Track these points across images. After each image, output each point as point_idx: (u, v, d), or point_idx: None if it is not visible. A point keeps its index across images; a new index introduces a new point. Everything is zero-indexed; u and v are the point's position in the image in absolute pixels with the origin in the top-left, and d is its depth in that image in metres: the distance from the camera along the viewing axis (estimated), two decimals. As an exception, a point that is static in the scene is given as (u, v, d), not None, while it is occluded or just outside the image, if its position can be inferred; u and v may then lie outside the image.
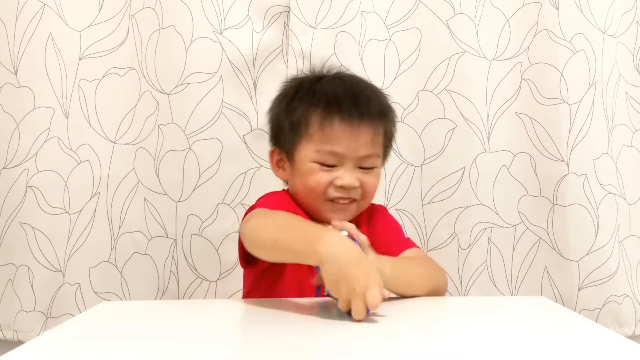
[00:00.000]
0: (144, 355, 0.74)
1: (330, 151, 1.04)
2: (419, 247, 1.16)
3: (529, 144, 1.41)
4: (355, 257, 0.85)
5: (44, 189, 1.41)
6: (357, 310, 0.81)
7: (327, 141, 1.04)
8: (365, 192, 1.07)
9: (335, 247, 0.85)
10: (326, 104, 1.04)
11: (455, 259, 1.41)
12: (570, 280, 1.39)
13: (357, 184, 1.05)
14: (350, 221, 1.01)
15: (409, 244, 1.13)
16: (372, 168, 1.07)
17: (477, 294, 1.41)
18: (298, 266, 0.99)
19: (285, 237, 0.91)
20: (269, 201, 1.07)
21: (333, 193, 1.05)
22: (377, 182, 1.09)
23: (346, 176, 1.04)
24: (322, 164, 1.05)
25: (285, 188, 1.14)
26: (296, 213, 1.05)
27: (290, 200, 1.10)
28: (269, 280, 1.05)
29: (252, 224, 0.98)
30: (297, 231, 0.91)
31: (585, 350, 0.77)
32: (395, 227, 1.18)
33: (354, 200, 1.07)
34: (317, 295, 0.96)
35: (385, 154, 1.13)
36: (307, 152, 1.05)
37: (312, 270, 0.93)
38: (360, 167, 1.06)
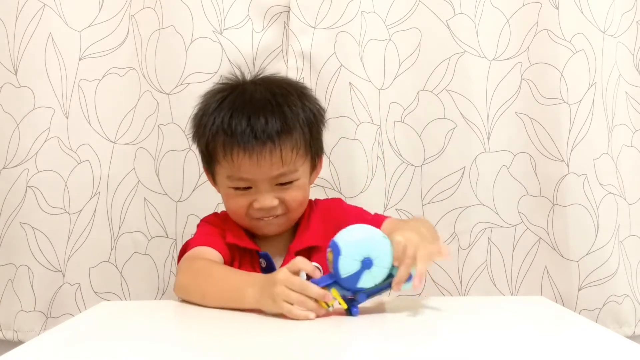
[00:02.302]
0: (144, 355, 0.74)
1: (239, 177, 1.05)
2: (389, 217, 1.16)
3: (529, 144, 1.41)
4: (271, 279, 0.89)
5: (44, 189, 1.41)
6: (296, 314, 0.87)
7: (234, 169, 1.04)
8: (289, 207, 1.07)
9: (258, 284, 0.92)
10: (224, 132, 1.03)
11: (455, 259, 1.41)
12: (570, 280, 1.39)
13: (275, 203, 1.05)
14: (301, 230, 1.11)
15: (381, 218, 1.14)
16: (290, 182, 1.06)
17: (477, 294, 1.41)
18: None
19: (212, 292, 0.97)
20: (200, 237, 1.10)
21: (255, 214, 1.07)
22: (300, 193, 1.08)
23: (262, 198, 1.05)
24: (237, 188, 1.06)
25: None
26: (227, 233, 1.10)
27: (221, 222, 1.13)
28: None
29: (179, 282, 1.03)
30: (221, 284, 0.97)
31: (585, 350, 0.77)
32: (356, 213, 1.17)
33: (281, 214, 1.08)
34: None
35: (313, 156, 1.11)
36: (221, 177, 1.08)
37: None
38: (278, 184, 1.05)
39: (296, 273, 0.89)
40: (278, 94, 1.07)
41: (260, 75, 1.15)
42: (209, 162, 1.10)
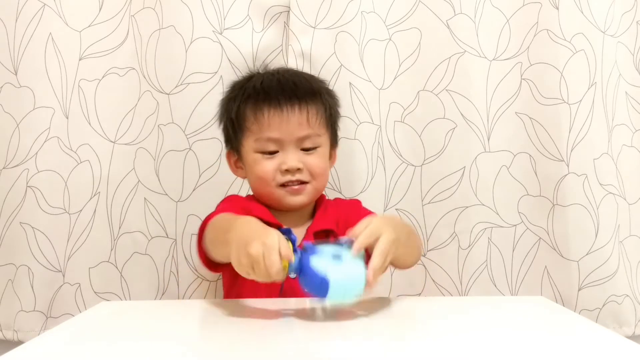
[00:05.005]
0: (144, 355, 0.74)
1: (267, 138, 1.10)
2: None
3: (529, 144, 1.41)
4: (253, 231, 0.86)
5: (44, 189, 1.41)
6: (259, 274, 0.83)
7: (263, 129, 1.10)
8: (313, 172, 1.12)
9: (240, 229, 0.89)
10: (255, 95, 1.12)
11: (455, 259, 1.41)
12: (570, 280, 1.39)
13: (300, 165, 1.11)
14: (315, 213, 1.16)
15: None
16: (314, 148, 1.12)
17: (477, 294, 1.40)
18: None
19: (218, 236, 0.99)
20: (225, 205, 1.14)
21: (281, 178, 1.11)
22: (322, 161, 1.14)
23: (288, 159, 1.10)
24: (263, 153, 1.11)
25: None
26: (251, 208, 1.12)
27: (245, 200, 1.18)
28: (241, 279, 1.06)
29: (207, 239, 1.05)
30: (224, 227, 0.96)
31: (585, 350, 0.77)
32: (367, 214, 1.20)
33: (306, 182, 1.12)
34: (280, 294, 1.01)
35: (332, 134, 1.19)
36: (249, 144, 1.12)
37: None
38: (303, 149, 1.11)
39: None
40: (304, 74, 1.21)
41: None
42: (236, 133, 1.14)
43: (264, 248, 0.83)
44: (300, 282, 0.86)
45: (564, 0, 1.38)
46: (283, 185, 1.11)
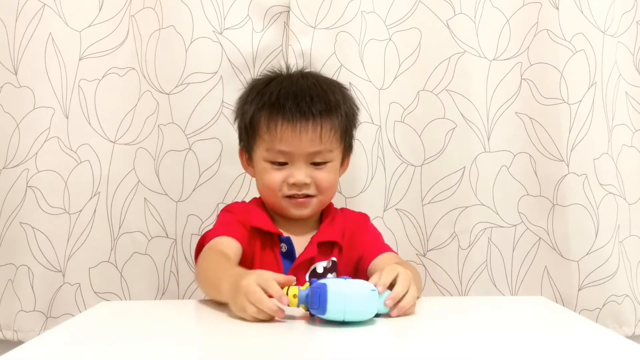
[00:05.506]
0: (144, 355, 0.74)
1: (278, 150, 1.09)
2: (396, 253, 1.20)
3: (529, 144, 1.41)
4: (237, 282, 0.88)
5: (44, 189, 1.41)
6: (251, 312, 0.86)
7: (274, 141, 1.09)
8: (320, 187, 1.11)
9: (232, 282, 0.90)
10: (270, 106, 1.10)
11: (455, 259, 1.41)
12: (570, 280, 1.39)
13: (308, 180, 1.10)
14: (322, 223, 1.14)
15: (386, 249, 1.17)
16: (324, 163, 1.11)
17: (477, 294, 1.41)
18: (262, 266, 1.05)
19: (204, 281, 1.02)
20: (219, 228, 1.11)
21: (287, 191, 1.10)
22: (331, 176, 1.12)
23: (296, 173, 1.09)
24: (273, 163, 1.10)
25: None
26: (251, 217, 1.12)
27: (246, 208, 1.16)
28: None
29: (196, 271, 1.07)
30: (210, 274, 1.00)
31: (585, 350, 0.77)
32: (373, 234, 1.20)
33: (312, 196, 1.11)
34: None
35: (346, 147, 1.16)
36: (260, 151, 1.11)
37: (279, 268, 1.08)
38: (313, 163, 1.10)
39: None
40: (323, 82, 1.15)
41: (306, 70, 1.21)
42: (249, 138, 1.13)
43: (257, 278, 0.86)
44: (307, 304, 0.86)
45: (564, 0, 1.38)
46: (289, 196, 1.11)
